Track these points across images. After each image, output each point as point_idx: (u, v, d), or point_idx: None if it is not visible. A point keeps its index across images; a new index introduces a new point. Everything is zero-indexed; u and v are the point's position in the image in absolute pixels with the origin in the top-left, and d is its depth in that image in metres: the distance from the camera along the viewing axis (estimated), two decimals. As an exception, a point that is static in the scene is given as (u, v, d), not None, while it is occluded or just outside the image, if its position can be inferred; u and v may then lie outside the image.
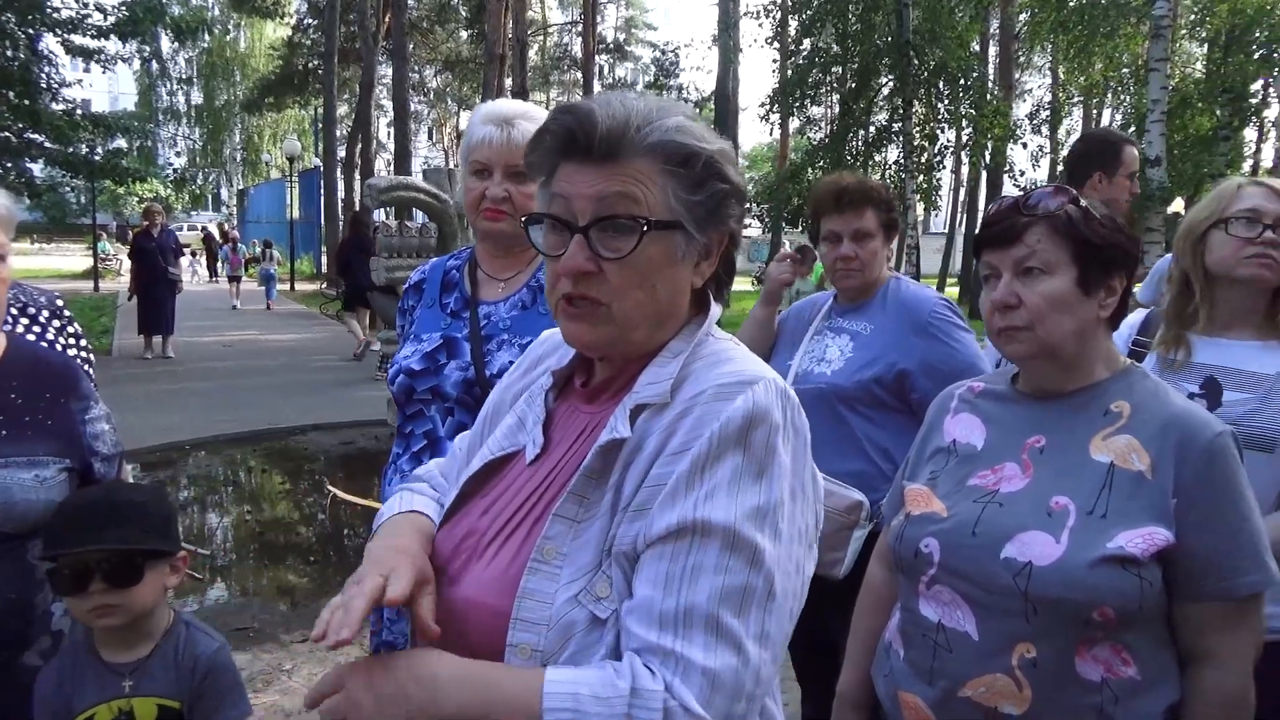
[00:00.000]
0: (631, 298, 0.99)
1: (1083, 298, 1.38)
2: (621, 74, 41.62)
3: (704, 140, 1.01)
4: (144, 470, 7.19)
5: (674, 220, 0.99)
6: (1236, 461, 1.34)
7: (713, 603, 0.88)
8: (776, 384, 0.98)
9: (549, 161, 1.02)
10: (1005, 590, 1.32)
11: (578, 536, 0.95)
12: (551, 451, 1.07)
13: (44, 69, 11.46)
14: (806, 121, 21.53)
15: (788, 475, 0.95)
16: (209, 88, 46.70)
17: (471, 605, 0.98)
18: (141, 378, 10.71)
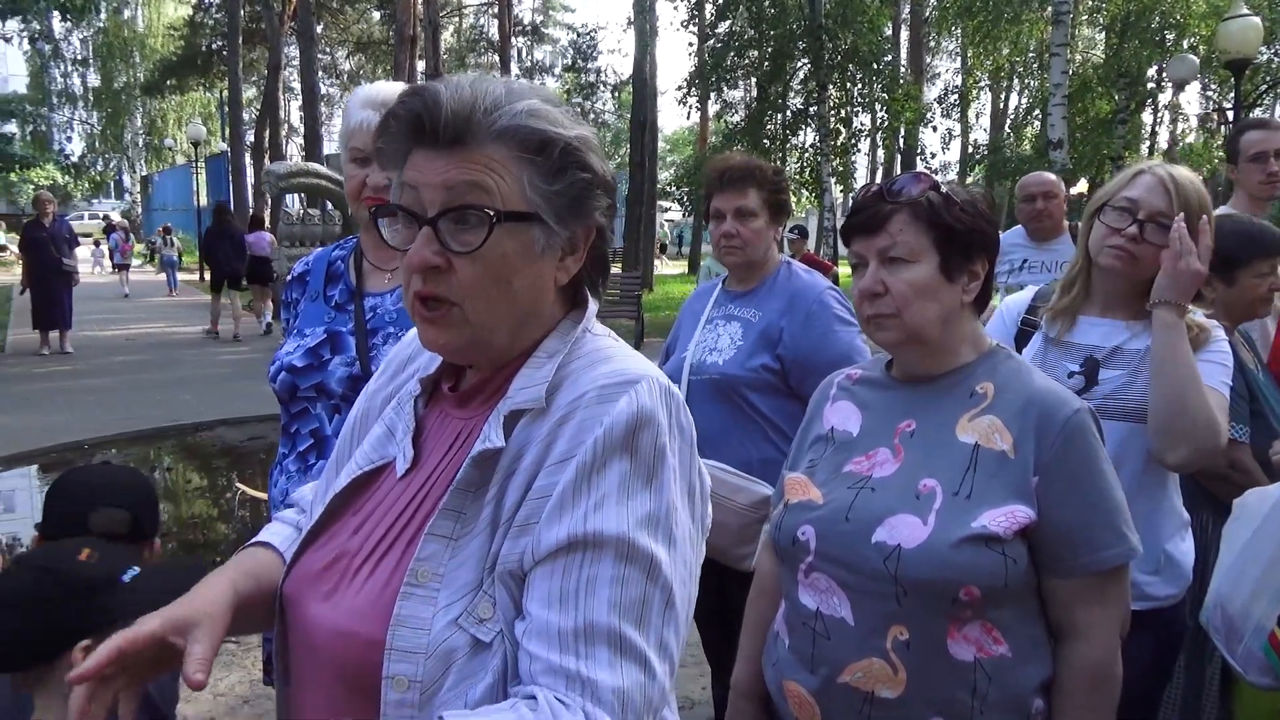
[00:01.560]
0: (485, 296, 0.92)
1: (945, 284, 1.40)
2: (540, 56, 41.16)
3: (561, 126, 0.93)
4: (42, 472, 6.86)
5: (530, 212, 0.92)
6: (1095, 437, 1.38)
7: (613, 617, 0.84)
8: (659, 382, 0.93)
9: (399, 148, 0.94)
10: (877, 574, 1.34)
11: (455, 555, 0.89)
12: (424, 463, 1.00)
13: (-83, 49, 10.80)
14: (724, 105, 21.63)
15: (677, 477, 0.91)
16: (106, 69, 44.54)
17: (343, 635, 0.91)
18: (38, 375, 10.22)
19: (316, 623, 0.95)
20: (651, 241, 24.03)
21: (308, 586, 0.98)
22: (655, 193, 22.71)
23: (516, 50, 35.13)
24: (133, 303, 18.54)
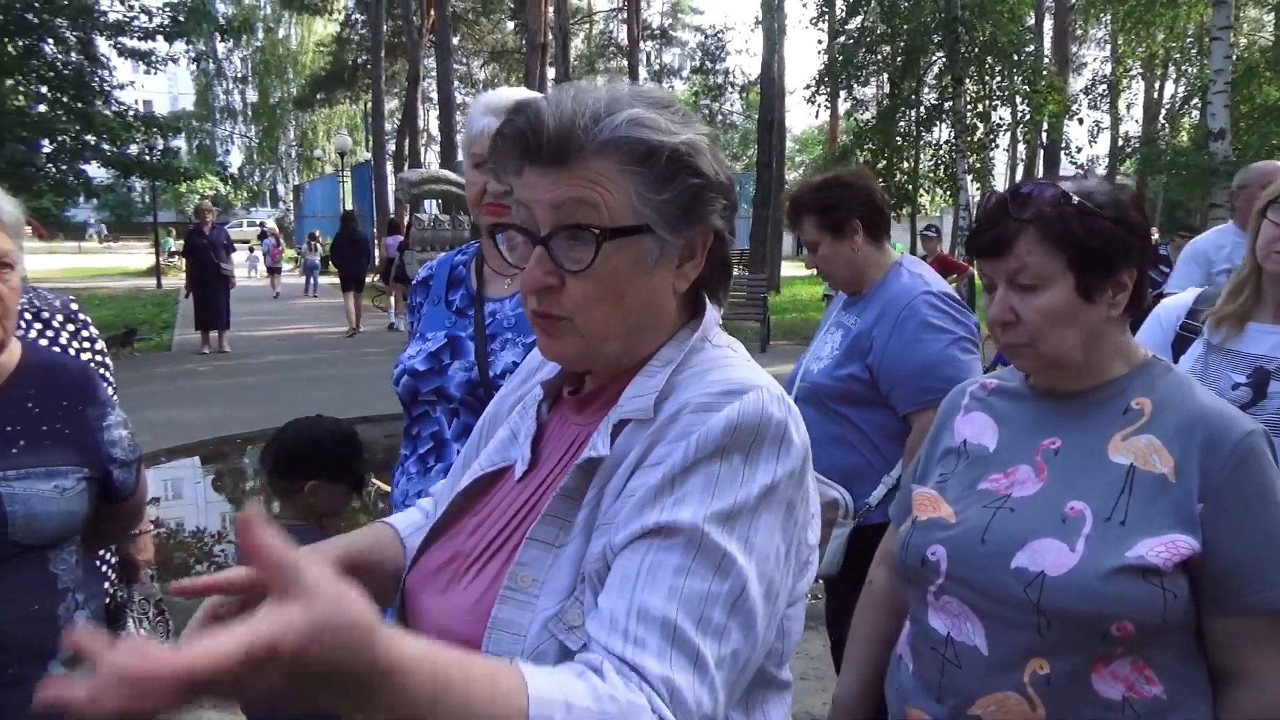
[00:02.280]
0: (596, 311, 0.91)
1: (1084, 305, 1.27)
2: (668, 59, 41.38)
3: (666, 132, 0.90)
4: (203, 462, 7.36)
5: (639, 224, 0.90)
6: (1269, 462, 1.23)
7: (670, 606, 0.79)
8: (771, 393, 0.89)
9: (512, 165, 0.94)
10: (1016, 602, 1.23)
11: (555, 561, 0.88)
12: (539, 468, 1.01)
13: (98, 72, 11.74)
14: (855, 103, 21.20)
15: (776, 489, 0.86)
16: (263, 85, 47.64)
17: (444, 634, 0.90)
18: (199, 373, 10.96)
19: (427, 620, 0.96)
20: (779, 243, 23.76)
21: (424, 582, 1.00)
22: (783, 193, 22.44)
23: (645, 54, 35.44)
24: (283, 304, 19.67)
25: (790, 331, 15.22)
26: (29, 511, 1.49)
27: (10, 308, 1.52)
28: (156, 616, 1.99)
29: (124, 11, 11.36)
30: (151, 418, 8.08)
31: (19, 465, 1.52)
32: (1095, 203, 1.26)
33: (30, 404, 1.59)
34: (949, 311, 2.28)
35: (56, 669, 1.56)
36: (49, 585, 1.55)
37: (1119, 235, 1.26)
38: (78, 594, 1.61)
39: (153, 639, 1.93)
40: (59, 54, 11.48)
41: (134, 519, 1.85)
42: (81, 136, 11.48)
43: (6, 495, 1.49)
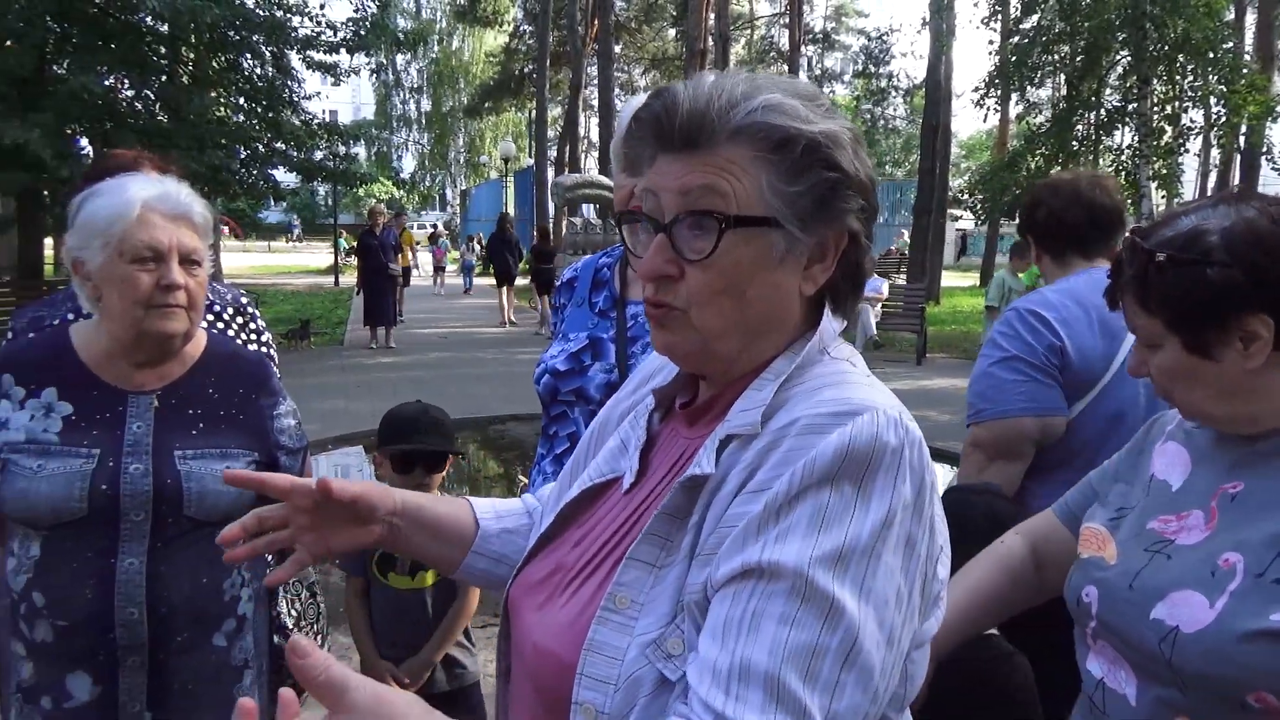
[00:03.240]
0: (713, 305, 0.86)
1: (1205, 362, 1.13)
2: (830, 64, 40.67)
3: (804, 120, 0.85)
4: (367, 451, 7.77)
5: (767, 216, 0.85)
6: None
7: (775, 660, 0.73)
8: (888, 415, 0.81)
9: (646, 152, 0.89)
10: (1153, 655, 1.12)
11: (657, 583, 0.84)
12: (646, 481, 0.96)
13: (288, 83, 12.65)
14: (1028, 106, 20.15)
15: (892, 524, 0.78)
16: (437, 95, 50.03)
17: (541, 652, 0.90)
18: (367, 366, 11.60)
19: (525, 634, 0.94)
20: (941, 251, 22.88)
21: (526, 595, 0.97)
22: (946, 200, 21.62)
23: (806, 59, 34.96)
24: (445, 302, 20.59)
25: (949, 344, 14.62)
26: (203, 489, 1.59)
27: (198, 300, 1.63)
28: (309, 598, 2.09)
29: (312, 27, 12.20)
30: (322, 407, 8.61)
31: (197, 446, 1.63)
32: (1199, 249, 1.11)
33: (211, 390, 1.70)
34: (1015, 328, 2.08)
35: (219, 639, 1.66)
36: (217, 561, 1.64)
37: (1228, 282, 1.09)
38: (244, 571, 1.71)
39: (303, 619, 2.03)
40: (255, 68, 12.46)
41: None
42: (272, 144, 12.39)
43: (185, 473, 1.59)
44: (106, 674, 1.56)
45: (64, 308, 2.00)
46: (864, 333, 12.95)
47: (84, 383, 1.62)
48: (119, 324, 1.60)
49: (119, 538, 1.56)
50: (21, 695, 1.59)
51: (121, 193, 1.58)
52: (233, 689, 1.68)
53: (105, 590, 1.54)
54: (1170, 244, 1.13)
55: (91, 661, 1.55)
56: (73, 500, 1.53)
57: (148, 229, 1.56)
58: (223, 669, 1.67)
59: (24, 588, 1.57)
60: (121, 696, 1.56)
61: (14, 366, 1.63)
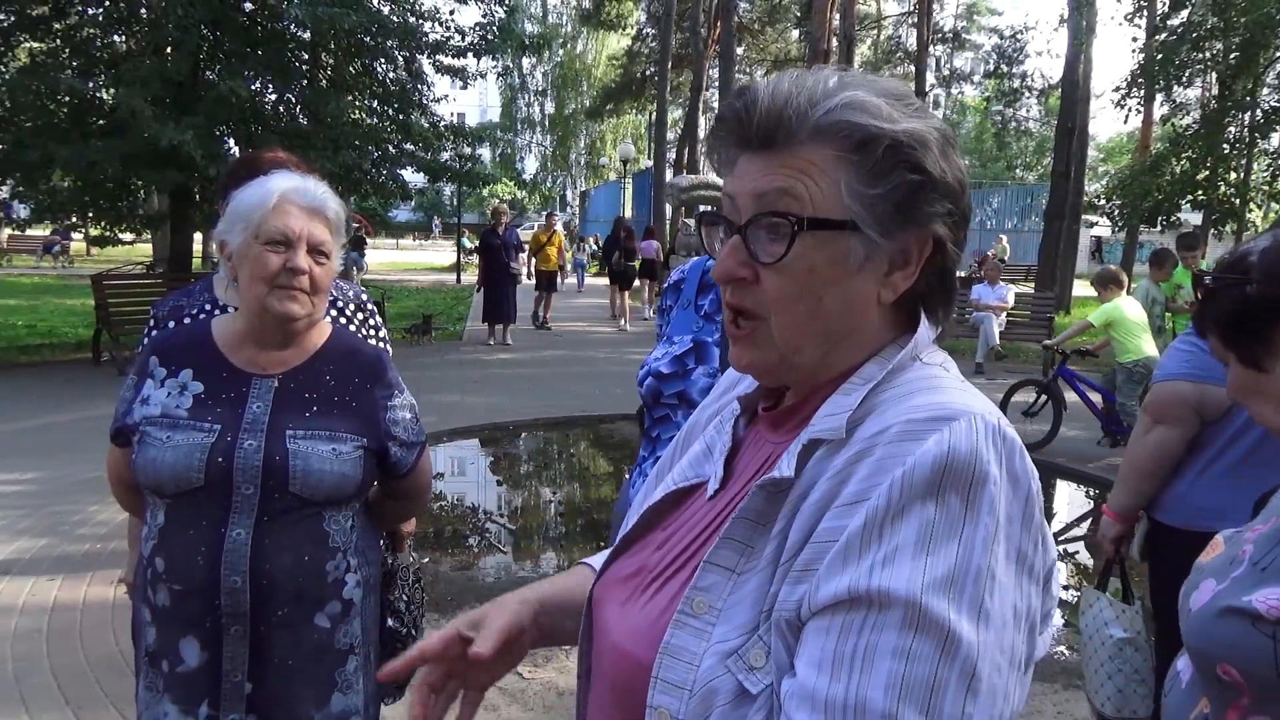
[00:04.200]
0: (790, 311, 0.83)
1: (1261, 375, 1.20)
2: (959, 64, 39.40)
3: (888, 119, 0.81)
4: (482, 445, 8.00)
5: (844, 219, 0.81)
6: None
7: (890, 698, 0.69)
8: (985, 420, 0.77)
9: (729, 154, 0.87)
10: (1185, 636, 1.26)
11: (736, 589, 0.81)
12: (730, 486, 0.94)
13: (419, 87, 13.12)
14: (1174, 106, 19.04)
15: (1000, 539, 0.74)
16: (560, 98, 50.93)
17: (619, 652, 0.89)
18: (484, 362, 11.91)
19: (606, 632, 0.94)
20: (1072, 259, 21.83)
21: (610, 591, 0.97)
22: (1081, 206, 20.62)
23: (934, 59, 33.97)
24: (561, 301, 20.94)
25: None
26: (307, 468, 1.67)
27: (321, 287, 1.73)
28: (414, 584, 2.16)
29: (442, 32, 12.61)
30: (440, 400, 8.89)
31: (308, 427, 1.71)
32: (1240, 269, 1.20)
33: (328, 377, 1.78)
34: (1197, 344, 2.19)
35: (322, 620, 1.72)
36: (321, 541, 1.72)
37: (1264, 297, 1.18)
38: (350, 556, 1.77)
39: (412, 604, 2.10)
40: (388, 72, 12.96)
41: (417, 500, 2.00)
42: (401, 145, 12.86)
43: (293, 451, 1.67)
44: (213, 641, 1.65)
45: (201, 298, 2.14)
46: (986, 342, 12.49)
47: (216, 365, 1.74)
48: (247, 302, 1.72)
49: (230, 509, 1.65)
50: (148, 659, 1.71)
51: (265, 184, 1.72)
52: (334, 672, 1.74)
53: (214, 559, 1.63)
54: (1219, 266, 1.23)
55: (201, 628, 1.65)
56: (192, 470, 1.64)
57: (282, 216, 1.69)
58: (324, 650, 1.73)
59: (150, 553, 1.69)
60: (225, 665, 1.65)
61: (160, 351, 1.77)
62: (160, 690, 1.68)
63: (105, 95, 11.13)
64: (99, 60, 11.64)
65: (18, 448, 7.03)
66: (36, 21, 11.42)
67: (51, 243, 28.83)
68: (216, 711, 1.66)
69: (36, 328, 14.39)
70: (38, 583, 4.49)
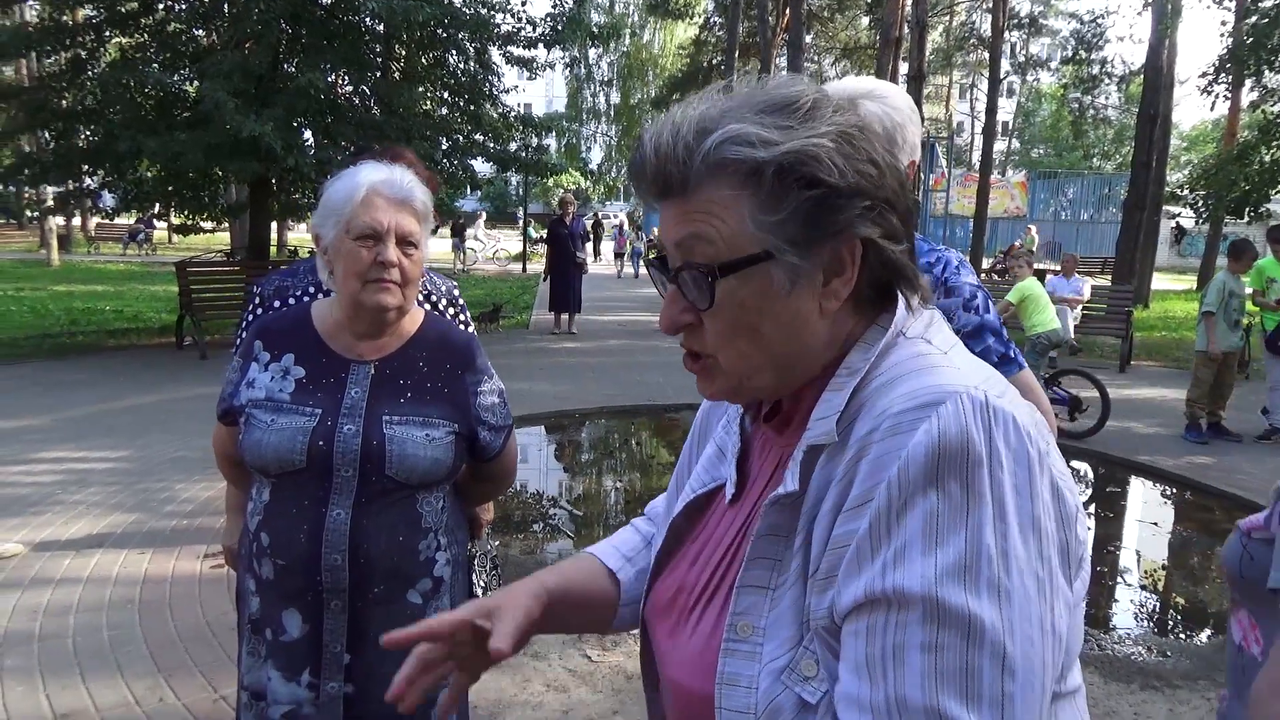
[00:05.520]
0: (733, 348, 0.85)
1: None
2: (1034, 50, 38.37)
3: (767, 144, 0.80)
4: (547, 432, 8.11)
5: (758, 252, 0.82)
6: None
7: (928, 692, 0.71)
8: (973, 398, 0.76)
9: (650, 204, 0.88)
10: None
11: (774, 606, 0.82)
12: (749, 491, 0.95)
13: (489, 78, 13.28)
14: (1264, 92, 18.27)
15: (1010, 512, 0.74)
16: (625, 88, 51.04)
17: (678, 688, 0.91)
18: (550, 350, 12.05)
19: (664, 663, 0.95)
20: (1152, 252, 21.13)
21: (658, 617, 0.98)
22: (1162, 196, 19.94)
23: (1009, 45, 33.14)
24: (624, 291, 21.06)
25: (1157, 351, 13.53)
26: (403, 452, 1.73)
27: (413, 279, 1.78)
28: (492, 570, 2.22)
29: (513, 23, 12.73)
30: (508, 388, 9.00)
31: (403, 413, 1.77)
32: None
33: (421, 364, 1.84)
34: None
35: (414, 596, 1.79)
36: (414, 522, 1.78)
37: None
38: (440, 536, 1.83)
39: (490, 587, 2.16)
40: (460, 63, 13.15)
41: (503, 481, 2.06)
42: (472, 135, 13.05)
43: (389, 437, 1.74)
44: (314, 614, 1.73)
45: (306, 279, 2.21)
46: (1062, 336, 12.18)
47: (316, 351, 1.81)
48: (342, 294, 1.78)
49: (330, 490, 1.72)
50: (251, 626, 1.80)
51: (354, 177, 1.76)
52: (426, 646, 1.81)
53: (315, 537, 1.71)
54: None
55: (302, 601, 1.73)
56: (294, 453, 1.71)
57: (370, 210, 1.73)
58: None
59: (256, 528, 1.77)
60: (325, 636, 1.73)
61: (264, 334, 1.84)
62: (263, 656, 1.77)
63: (190, 88, 11.52)
64: (184, 54, 12.06)
65: (106, 427, 7.35)
66: (126, 18, 11.87)
67: (136, 231, 29.97)
68: (317, 679, 1.74)
69: (123, 313, 15.00)
70: (129, 556, 4.71)
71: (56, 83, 12.20)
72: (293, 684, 1.74)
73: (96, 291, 17.96)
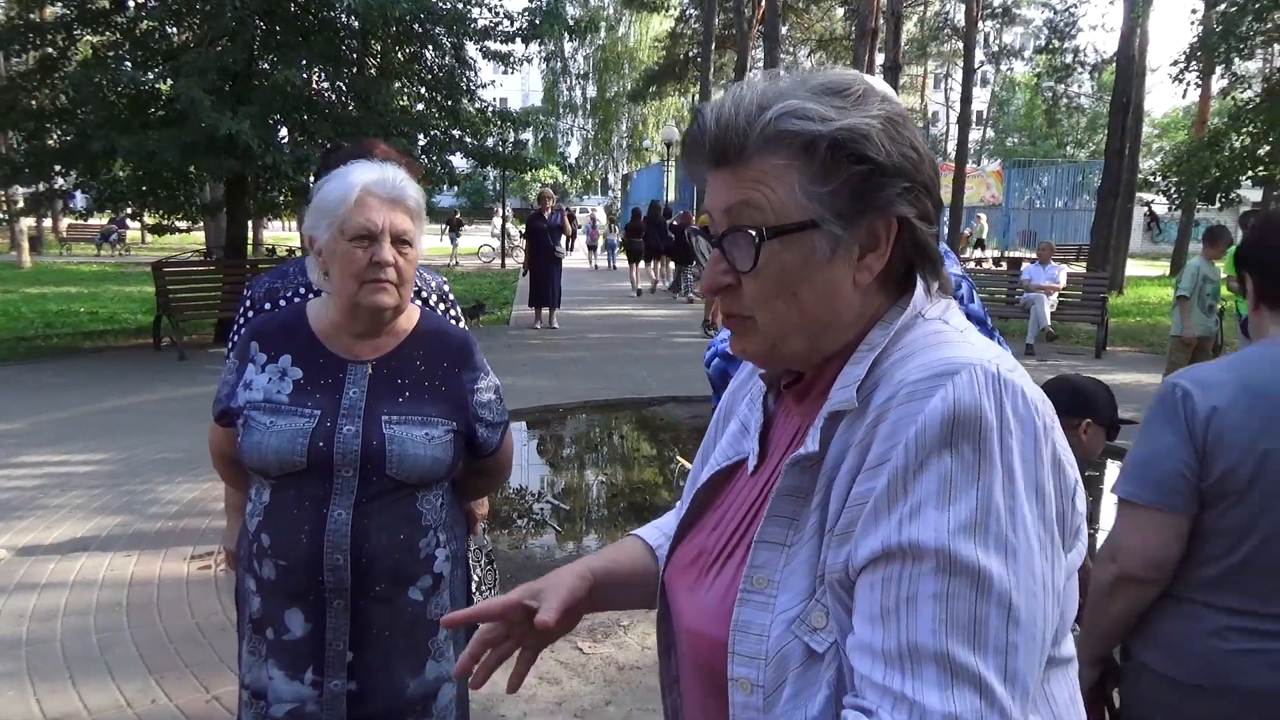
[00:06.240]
0: (770, 309, 0.91)
1: None
2: (1008, 40, 38.63)
3: (824, 120, 0.86)
4: (529, 428, 8.11)
5: (805, 220, 0.87)
6: None
7: (939, 638, 0.76)
8: (986, 369, 0.82)
9: (700, 173, 0.94)
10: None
11: (790, 561, 0.88)
12: (769, 461, 1.01)
13: (465, 73, 13.21)
14: (1234, 79, 18.49)
15: (1017, 476, 0.79)
16: (602, 81, 50.85)
17: (695, 635, 0.97)
18: (531, 346, 12.04)
19: (682, 616, 1.01)
20: (1126, 239, 21.35)
21: (678, 577, 1.04)
22: (1135, 183, 20.15)
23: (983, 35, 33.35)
24: (603, 286, 21.07)
25: (1131, 337, 13.69)
26: (403, 452, 1.74)
27: (408, 277, 1.78)
28: (488, 565, 2.24)
29: (490, 18, 12.67)
30: (491, 383, 9.01)
31: (402, 412, 1.78)
32: None
33: (419, 362, 1.84)
34: None
35: (415, 594, 1.81)
36: (415, 521, 1.80)
37: None
38: (440, 533, 1.85)
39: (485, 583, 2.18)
40: (436, 59, 13.07)
41: (499, 476, 2.08)
42: (449, 131, 12.98)
43: (389, 436, 1.75)
44: (316, 613, 1.74)
45: (296, 280, 2.20)
46: (1037, 323, 12.32)
47: (313, 352, 1.81)
48: (339, 296, 1.78)
49: (331, 491, 1.73)
50: (252, 625, 1.81)
51: (346, 177, 1.75)
52: (427, 642, 1.83)
53: (317, 537, 1.72)
54: None
55: (304, 600, 1.74)
56: (295, 454, 1.72)
57: (365, 211, 1.72)
58: (418, 622, 1.81)
59: (256, 529, 1.78)
60: (328, 635, 1.74)
61: (260, 336, 1.84)
62: (264, 655, 1.78)
63: (164, 86, 11.40)
64: (157, 52, 11.91)
65: (87, 430, 7.29)
66: (96, 15, 11.72)
67: (109, 231, 29.64)
68: (321, 677, 1.75)
69: (99, 314, 14.84)
70: (115, 558, 4.68)
71: (27, 82, 12.05)
72: (296, 682, 1.75)
73: (70, 293, 17.75)
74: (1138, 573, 1.63)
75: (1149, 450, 1.67)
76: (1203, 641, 1.60)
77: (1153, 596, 1.66)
